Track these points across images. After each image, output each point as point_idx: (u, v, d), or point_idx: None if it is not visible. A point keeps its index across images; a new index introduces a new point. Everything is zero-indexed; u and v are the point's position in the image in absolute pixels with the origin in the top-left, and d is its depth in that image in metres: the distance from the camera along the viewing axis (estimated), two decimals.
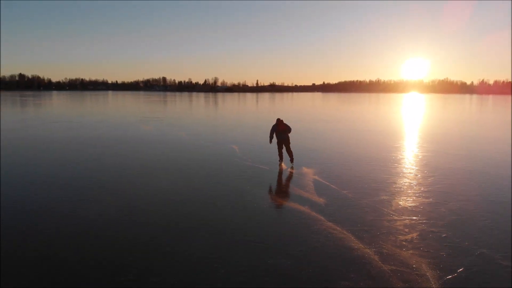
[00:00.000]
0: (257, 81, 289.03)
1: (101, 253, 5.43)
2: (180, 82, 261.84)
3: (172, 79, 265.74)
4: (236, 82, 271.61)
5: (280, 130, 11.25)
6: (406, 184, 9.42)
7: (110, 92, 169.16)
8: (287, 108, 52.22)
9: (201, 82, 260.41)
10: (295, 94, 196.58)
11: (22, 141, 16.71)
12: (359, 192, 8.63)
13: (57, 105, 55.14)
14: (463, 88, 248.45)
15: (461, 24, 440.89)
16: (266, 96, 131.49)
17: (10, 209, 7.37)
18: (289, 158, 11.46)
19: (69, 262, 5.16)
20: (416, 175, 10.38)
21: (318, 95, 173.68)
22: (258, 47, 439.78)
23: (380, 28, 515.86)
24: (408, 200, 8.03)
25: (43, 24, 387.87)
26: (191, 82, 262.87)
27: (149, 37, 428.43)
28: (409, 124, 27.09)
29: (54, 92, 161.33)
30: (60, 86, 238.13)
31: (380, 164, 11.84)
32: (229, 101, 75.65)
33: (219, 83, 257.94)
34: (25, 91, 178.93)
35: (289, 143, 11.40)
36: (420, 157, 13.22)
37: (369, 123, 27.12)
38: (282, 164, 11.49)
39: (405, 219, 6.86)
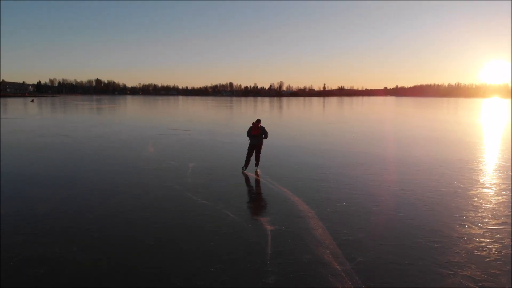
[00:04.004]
0: (324, 84, 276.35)
1: None
2: (246, 87, 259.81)
3: (239, 84, 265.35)
4: (302, 86, 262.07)
5: (255, 135, 10.63)
6: None
7: (180, 97, 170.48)
8: (360, 115, 42.11)
9: (267, 86, 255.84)
10: (365, 98, 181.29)
11: None
12: None
13: (95, 110, 51.58)
14: None
15: None
16: (333, 100, 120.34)
17: None
18: (255, 162, 10.78)
19: None
20: None
21: (391, 99, 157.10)
22: (326, 49, 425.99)
23: (457, 28, 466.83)
24: None
25: (121, 33, 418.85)
26: (257, 87, 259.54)
27: (217, 43, 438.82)
28: None
29: (128, 97, 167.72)
30: (134, 91, 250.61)
31: None
32: (291, 108, 67.13)
33: (284, 88, 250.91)
34: (100, 95, 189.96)
35: (261, 148, 10.81)
36: None
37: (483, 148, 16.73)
38: (245, 172, 10.57)
39: None
